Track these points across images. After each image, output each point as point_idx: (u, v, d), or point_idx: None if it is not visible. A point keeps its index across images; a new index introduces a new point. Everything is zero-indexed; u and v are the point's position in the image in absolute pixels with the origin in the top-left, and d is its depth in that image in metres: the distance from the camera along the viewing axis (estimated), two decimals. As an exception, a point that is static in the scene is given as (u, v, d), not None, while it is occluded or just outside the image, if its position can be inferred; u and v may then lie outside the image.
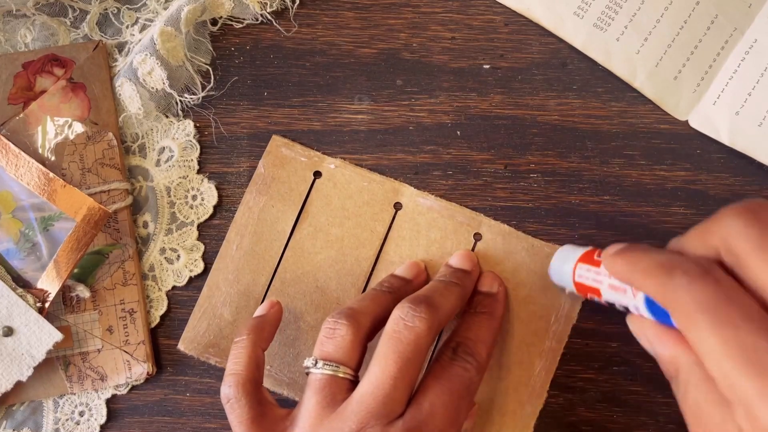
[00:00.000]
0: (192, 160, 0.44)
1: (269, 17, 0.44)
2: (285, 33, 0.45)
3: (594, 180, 0.43)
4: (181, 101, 0.44)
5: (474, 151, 0.44)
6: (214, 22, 0.45)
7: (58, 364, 0.41)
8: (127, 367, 0.41)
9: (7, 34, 0.44)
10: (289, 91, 0.44)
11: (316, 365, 0.34)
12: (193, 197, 0.43)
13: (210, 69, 0.44)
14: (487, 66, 0.44)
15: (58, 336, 0.40)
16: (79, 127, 0.43)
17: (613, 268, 0.31)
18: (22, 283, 0.41)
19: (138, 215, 0.43)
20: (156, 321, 0.42)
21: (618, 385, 0.41)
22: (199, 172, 0.44)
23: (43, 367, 0.40)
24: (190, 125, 0.44)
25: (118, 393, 0.42)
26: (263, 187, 0.42)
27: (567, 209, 0.43)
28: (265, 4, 0.44)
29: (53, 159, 0.42)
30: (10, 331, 0.39)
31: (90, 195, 0.41)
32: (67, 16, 0.45)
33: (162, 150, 0.44)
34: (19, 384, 0.40)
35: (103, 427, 0.42)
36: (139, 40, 0.43)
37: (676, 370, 0.28)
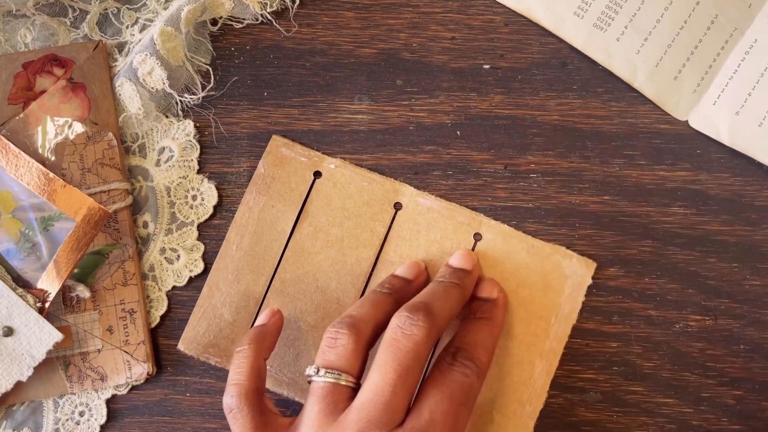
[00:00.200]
0: (192, 160, 0.44)
1: (269, 17, 0.44)
2: (285, 33, 0.45)
3: (594, 180, 0.43)
4: (181, 101, 0.44)
5: (474, 151, 0.43)
6: (214, 22, 0.45)
7: (58, 364, 0.41)
8: (127, 367, 0.41)
9: (7, 34, 0.44)
10: (289, 91, 0.44)
11: (318, 373, 0.34)
12: (193, 197, 0.43)
13: (210, 69, 0.44)
14: (487, 66, 0.44)
15: (58, 336, 0.40)
16: (79, 127, 0.43)
17: None
18: (22, 283, 0.41)
19: (138, 215, 0.43)
20: (156, 321, 0.42)
21: (618, 385, 0.41)
22: (199, 172, 0.44)
23: (43, 367, 0.40)
24: (190, 125, 0.44)
25: (118, 393, 0.42)
26: (263, 187, 0.42)
27: (567, 209, 0.43)
28: (265, 4, 0.44)
29: (53, 159, 0.42)
30: (10, 331, 0.39)
31: (90, 195, 0.41)
32: (67, 16, 0.45)
33: (162, 150, 0.44)
34: (19, 384, 0.40)
35: (103, 427, 0.42)
36: (139, 40, 0.43)
37: None
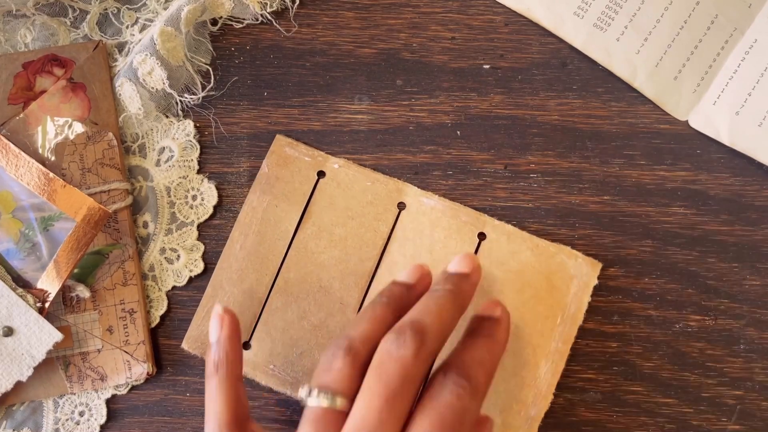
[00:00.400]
0: (192, 160, 0.44)
1: (269, 17, 0.44)
2: (285, 33, 0.45)
3: (594, 180, 0.43)
4: (181, 101, 0.44)
5: (474, 151, 0.44)
6: (214, 22, 0.45)
7: (58, 364, 0.41)
8: (127, 367, 0.41)
9: (7, 34, 0.44)
10: (289, 91, 0.44)
11: (310, 394, 0.33)
12: (193, 197, 0.43)
13: (210, 69, 0.44)
14: (487, 66, 0.44)
15: (58, 336, 0.40)
16: (79, 127, 0.43)
17: None
18: (22, 283, 0.41)
19: (138, 215, 0.43)
20: (156, 321, 0.42)
21: (618, 385, 0.41)
22: (199, 172, 0.44)
23: (43, 367, 0.40)
24: (190, 125, 0.44)
25: (118, 393, 0.42)
26: (267, 186, 0.42)
27: (567, 209, 0.43)
28: (265, 4, 0.44)
29: (53, 159, 0.42)
30: (10, 331, 0.39)
31: (90, 195, 0.41)
32: (67, 16, 0.45)
33: (162, 150, 0.44)
34: (19, 384, 0.40)
35: (103, 427, 0.42)
36: (139, 40, 0.43)
37: None
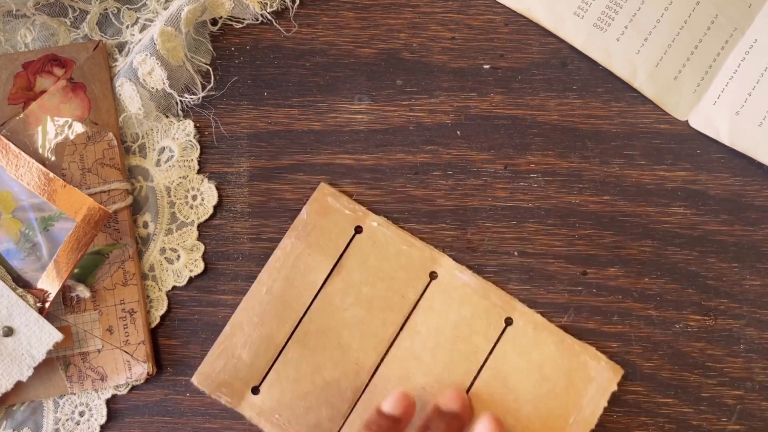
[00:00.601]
0: (192, 160, 0.44)
1: (269, 17, 0.44)
2: (285, 33, 0.45)
3: (594, 180, 0.43)
4: (181, 101, 0.44)
5: (474, 151, 0.44)
6: (214, 22, 0.45)
7: (58, 364, 0.41)
8: (127, 367, 0.41)
9: (7, 34, 0.44)
10: (289, 91, 0.44)
11: None
12: (193, 197, 0.43)
13: (210, 69, 0.44)
14: (487, 66, 0.44)
15: (58, 336, 0.40)
16: (79, 127, 0.43)
17: None
18: (22, 283, 0.41)
19: (138, 215, 0.43)
20: (156, 321, 0.42)
21: (618, 385, 0.41)
22: (199, 172, 0.44)
23: (43, 367, 0.40)
24: (190, 125, 0.44)
25: (118, 393, 0.42)
26: (303, 233, 0.42)
27: (567, 209, 0.43)
28: (265, 4, 0.44)
29: (53, 159, 0.42)
30: (10, 331, 0.39)
31: (90, 195, 0.41)
32: (67, 16, 0.45)
33: (162, 150, 0.44)
34: (19, 384, 0.40)
35: (103, 427, 0.42)
36: (139, 40, 0.43)
37: None
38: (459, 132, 0.44)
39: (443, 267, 0.42)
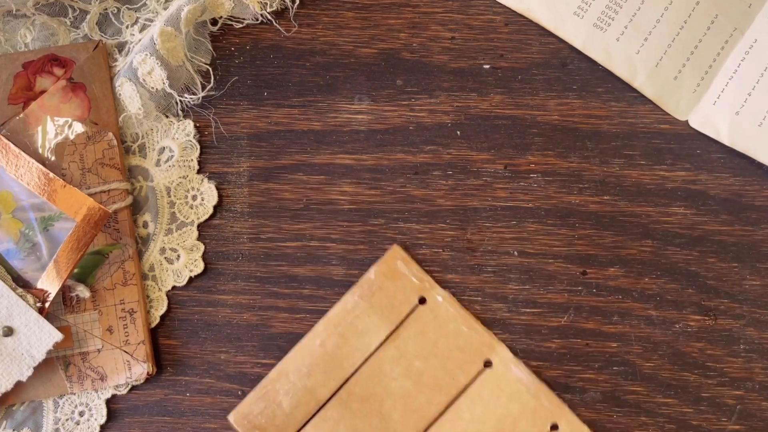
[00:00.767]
0: (192, 160, 0.44)
1: (269, 17, 0.44)
2: (285, 33, 0.45)
3: (594, 180, 0.43)
4: (181, 101, 0.44)
5: (474, 151, 0.44)
6: (214, 22, 0.45)
7: (58, 364, 0.41)
8: (127, 367, 0.41)
9: (7, 34, 0.44)
10: (289, 91, 0.44)
11: None
12: (193, 197, 0.43)
13: (210, 69, 0.44)
14: (487, 66, 0.44)
15: (58, 336, 0.40)
16: (79, 127, 0.43)
17: None
18: (22, 283, 0.41)
19: (138, 215, 0.43)
20: (156, 321, 0.42)
21: (618, 385, 0.41)
22: (199, 172, 0.44)
23: (43, 367, 0.40)
24: (190, 125, 0.44)
25: (118, 393, 0.42)
26: (367, 293, 0.41)
27: (567, 209, 0.43)
28: (265, 4, 0.44)
29: (53, 159, 0.42)
30: (10, 331, 0.39)
31: (90, 195, 0.41)
32: (67, 16, 0.45)
33: (162, 150, 0.44)
34: (19, 384, 0.40)
35: (103, 427, 0.42)
36: (139, 40, 0.43)
37: None
38: (459, 132, 0.44)
39: (499, 357, 0.41)
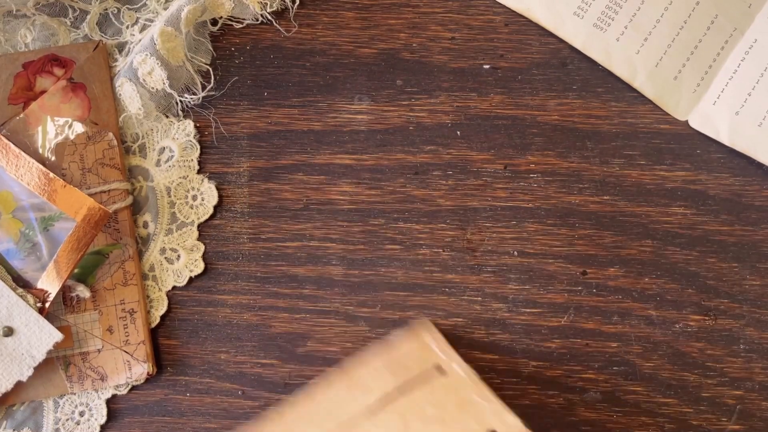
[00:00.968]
0: (192, 160, 0.44)
1: (269, 17, 0.44)
2: (285, 33, 0.45)
3: (594, 180, 0.43)
4: (181, 101, 0.44)
5: (474, 151, 0.44)
6: (214, 22, 0.45)
7: (58, 364, 0.41)
8: (128, 367, 0.41)
9: (7, 34, 0.44)
10: (289, 91, 0.44)
11: None
12: (194, 197, 0.43)
13: (210, 69, 0.44)
14: (487, 66, 0.44)
15: (58, 336, 0.40)
16: (79, 127, 0.43)
17: None
18: (22, 283, 0.41)
19: (138, 215, 0.43)
20: (156, 321, 0.42)
21: (618, 385, 0.41)
22: (199, 172, 0.44)
23: (44, 367, 0.40)
24: (190, 125, 0.44)
25: (119, 393, 0.42)
26: (388, 360, 0.37)
27: (567, 209, 0.43)
28: (265, 4, 0.44)
29: (53, 159, 0.42)
30: (10, 331, 0.39)
31: (90, 195, 0.41)
32: (67, 16, 0.45)
33: (162, 150, 0.44)
34: (19, 384, 0.40)
35: (103, 427, 0.42)
36: (139, 40, 0.43)
37: None
38: (459, 132, 0.44)
39: (506, 425, 0.38)
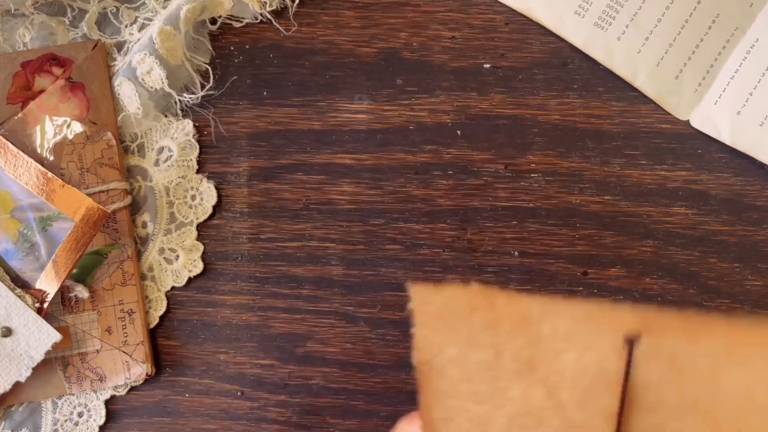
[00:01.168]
0: (191, 159, 0.43)
1: (269, 16, 0.44)
2: (285, 32, 0.45)
3: (595, 180, 0.43)
4: (180, 101, 0.43)
5: (474, 151, 0.43)
6: (214, 21, 0.45)
7: (56, 364, 0.41)
8: (126, 368, 0.41)
9: (5, 33, 0.44)
10: (288, 90, 0.44)
11: None
12: (192, 197, 0.43)
13: (209, 68, 0.44)
14: (488, 65, 0.44)
15: (56, 336, 0.39)
16: (77, 127, 0.42)
17: None
18: (20, 284, 0.41)
19: (137, 215, 0.43)
20: (155, 321, 0.42)
21: (619, 386, 0.41)
22: (198, 171, 0.44)
23: (42, 368, 0.40)
24: (189, 125, 0.44)
25: (117, 394, 0.42)
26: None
27: (568, 209, 0.43)
28: (265, 3, 0.44)
29: (52, 159, 0.42)
30: (8, 332, 0.39)
31: (89, 195, 0.41)
32: (65, 16, 0.44)
33: (161, 150, 0.43)
34: (17, 384, 0.39)
35: (101, 428, 0.41)
36: (138, 40, 0.43)
37: None
38: (459, 132, 0.44)
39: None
